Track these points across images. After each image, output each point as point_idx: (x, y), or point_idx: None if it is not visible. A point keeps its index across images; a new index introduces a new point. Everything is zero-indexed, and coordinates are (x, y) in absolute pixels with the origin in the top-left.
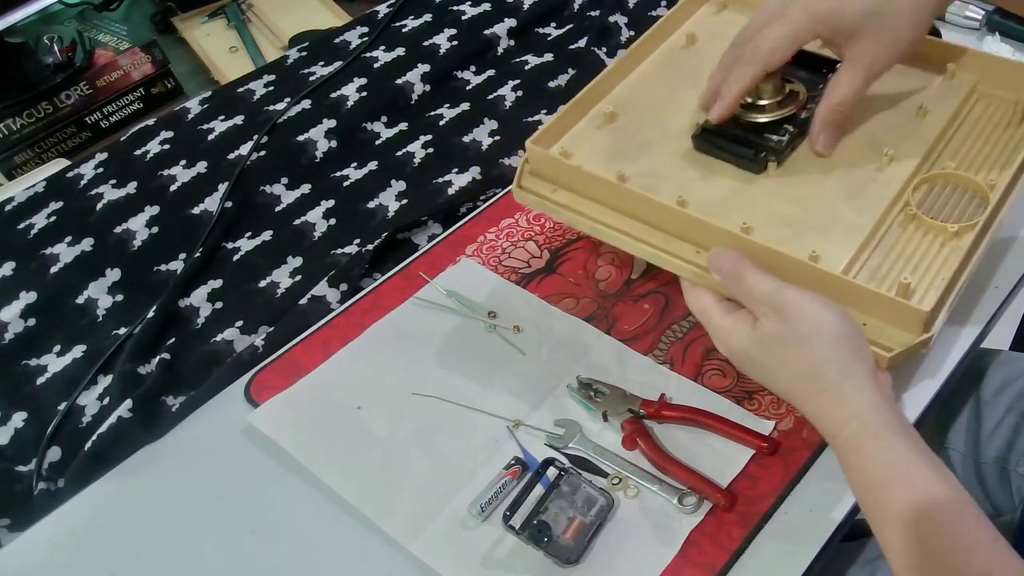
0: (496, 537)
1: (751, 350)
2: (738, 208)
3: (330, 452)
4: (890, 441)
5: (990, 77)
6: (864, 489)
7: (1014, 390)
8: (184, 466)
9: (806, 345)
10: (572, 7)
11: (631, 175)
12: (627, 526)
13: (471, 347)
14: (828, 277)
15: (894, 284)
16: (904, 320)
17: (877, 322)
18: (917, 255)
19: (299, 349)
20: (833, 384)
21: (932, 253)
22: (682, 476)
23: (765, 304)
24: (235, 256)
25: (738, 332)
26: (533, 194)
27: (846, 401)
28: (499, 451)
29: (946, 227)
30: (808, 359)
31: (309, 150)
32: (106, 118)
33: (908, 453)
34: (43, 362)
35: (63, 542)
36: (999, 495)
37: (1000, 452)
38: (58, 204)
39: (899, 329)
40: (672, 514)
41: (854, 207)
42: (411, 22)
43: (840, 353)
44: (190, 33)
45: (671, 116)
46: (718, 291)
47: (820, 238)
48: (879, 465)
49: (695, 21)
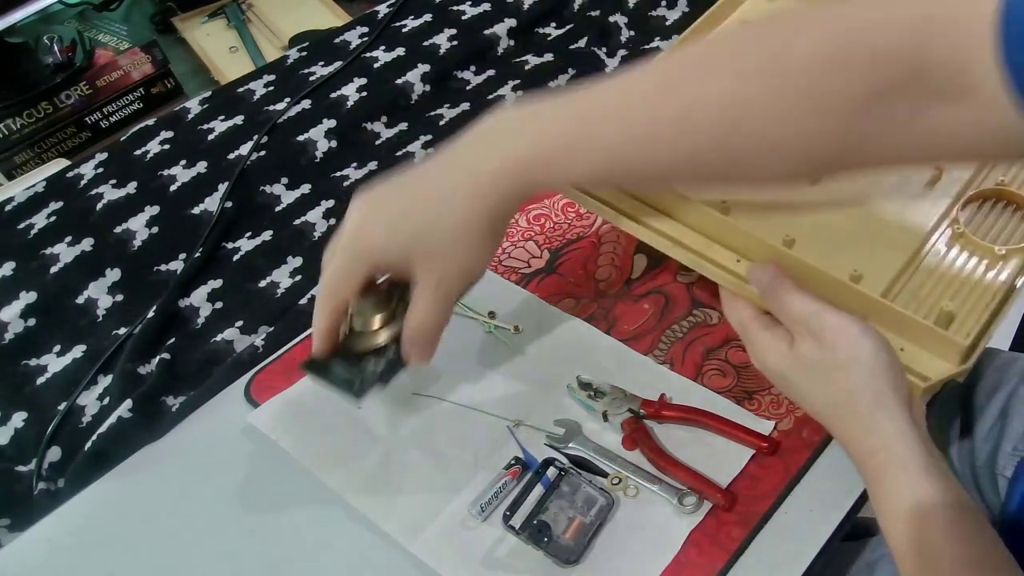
0: (496, 537)
1: (786, 370)
2: (783, 216)
3: (330, 452)
4: (917, 475)
5: None
6: (887, 520)
7: (1005, 392)
8: (184, 466)
9: (842, 371)
10: (572, 7)
11: None
12: (627, 526)
13: (471, 347)
14: (868, 300)
15: (935, 307)
16: (943, 349)
17: (915, 348)
18: (962, 277)
19: (299, 349)
20: (866, 412)
21: (978, 275)
22: (682, 476)
23: (803, 325)
24: (235, 256)
25: (774, 350)
26: None
27: (877, 430)
28: (499, 451)
29: (993, 249)
30: (843, 385)
31: (309, 150)
32: (106, 118)
33: (934, 489)
34: (43, 362)
35: (63, 542)
36: (990, 498)
37: (989, 455)
38: (58, 204)
39: (937, 358)
40: (672, 514)
41: (901, 222)
42: (411, 22)
43: (875, 382)
44: (190, 33)
45: None
46: (757, 304)
47: (864, 253)
48: (904, 498)
49: (748, 8)
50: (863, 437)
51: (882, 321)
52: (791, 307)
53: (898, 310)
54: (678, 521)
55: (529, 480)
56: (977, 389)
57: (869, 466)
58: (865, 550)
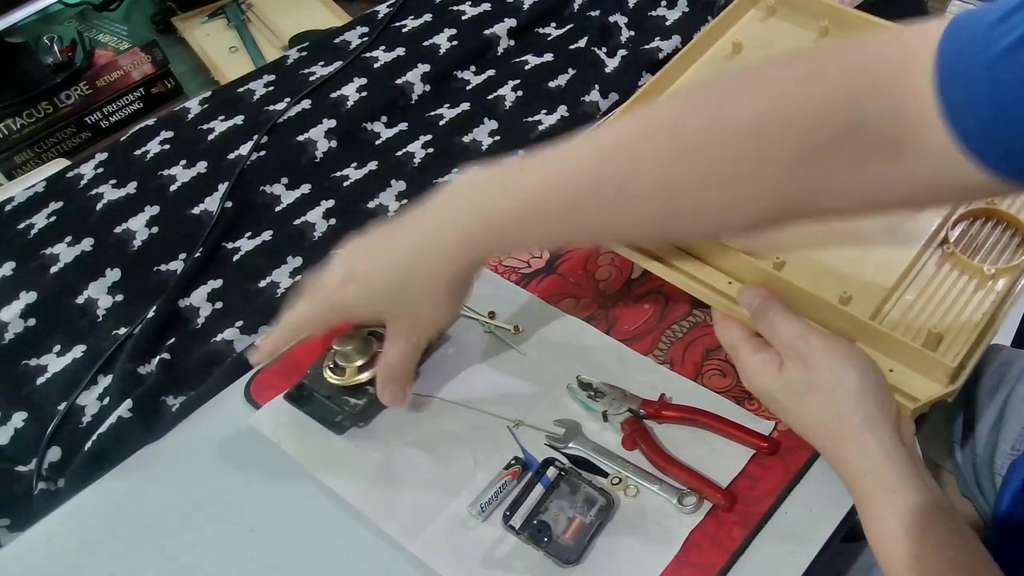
0: (496, 537)
1: (775, 392)
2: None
3: (330, 452)
4: (906, 496)
5: None
6: (877, 541)
7: (1004, 389)
8: (184, 466)
9: (828, 394)
10: (572, 7)
11: None
12: (627, 526)
13: (471, 347)
14: (856, 322)
15: (924, 327)
16: (931, 371)
17: (904, 369)
18: (951, 296)
19: (299, 349)
20: (854, 434)
21: (967, 296)
22: (682, 476)
23: (791, 348)
24: (235, 256)
25: (765, 372)
26: None
27: (866, 452)
28: (499, 451)
29: (982, 268)
30: (831, 408)
31: (309, 150)
32: (106, 118)
33: (923, 509)
34: (43, 362)
35: (63, 542)
36: (991, 496)
37: (988, 454)
38: (58, 204)
39: (926, 379)
40: (672, 514)
41: (891, 242)
42: (411, 22)
43: (863, 404)
44: (190, 33)
45: None
46: (748, 326)
47: (854, 275)
48: (893, 520)
49: (741, 28)
50: (852, 459)
51: (871, 343)
52: (779, 330)
53: (886, 332)
54: (678, 521)
55: (529, 480)
56: (978, 387)
57: (858, 488)
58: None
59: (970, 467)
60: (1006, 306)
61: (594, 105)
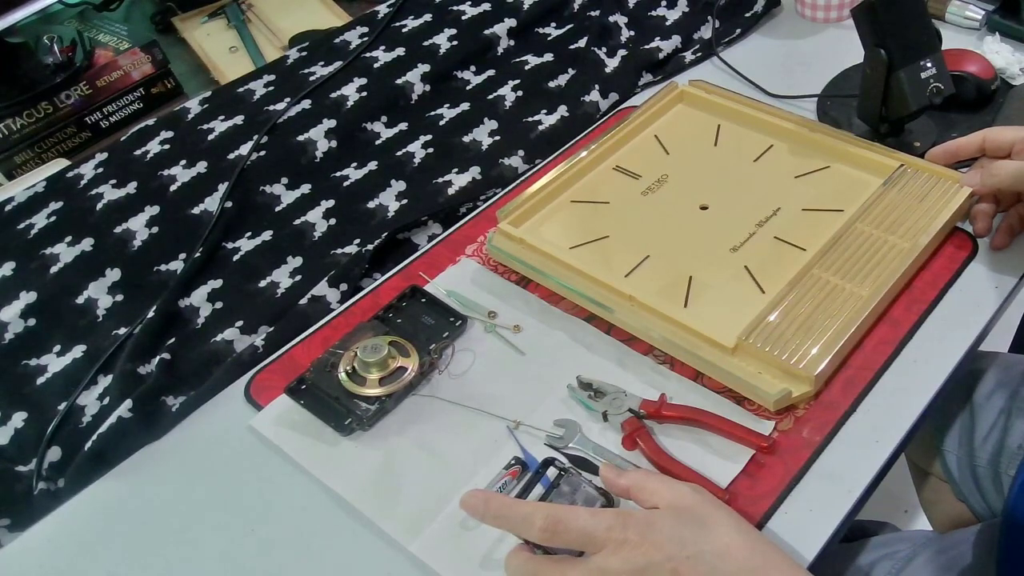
0: (496, 537)
1: (613, 565)
2: None
3: (330, 453)
4: None
5: None
6: None
7: (1006, 393)
8: (184, 466)
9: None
10: (572, 7)
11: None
12: None
13: (471, 347)
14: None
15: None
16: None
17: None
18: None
19: (299, 349)
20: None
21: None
22: (682, 476)
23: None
24: (235, 256)
25: (576, 569)
26: None
27: None
28: (499, 451)
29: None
30: (651, 555)
31: (309, 150)
32: (106, 118)
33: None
34: (43, 362)
35: (63, 542)
36: (992, 497)
37: (992, 455)
38: (58, 204)
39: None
40: None
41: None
42: (411, 22)
43: (681, 531)
44: (190, 33)
45: None
46: None
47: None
48: None
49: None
50: None
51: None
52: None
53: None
54: None
55: (529, 480)
56: (977, 391)
57: None
58: (863, 551)
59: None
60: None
61: (594, 105)
